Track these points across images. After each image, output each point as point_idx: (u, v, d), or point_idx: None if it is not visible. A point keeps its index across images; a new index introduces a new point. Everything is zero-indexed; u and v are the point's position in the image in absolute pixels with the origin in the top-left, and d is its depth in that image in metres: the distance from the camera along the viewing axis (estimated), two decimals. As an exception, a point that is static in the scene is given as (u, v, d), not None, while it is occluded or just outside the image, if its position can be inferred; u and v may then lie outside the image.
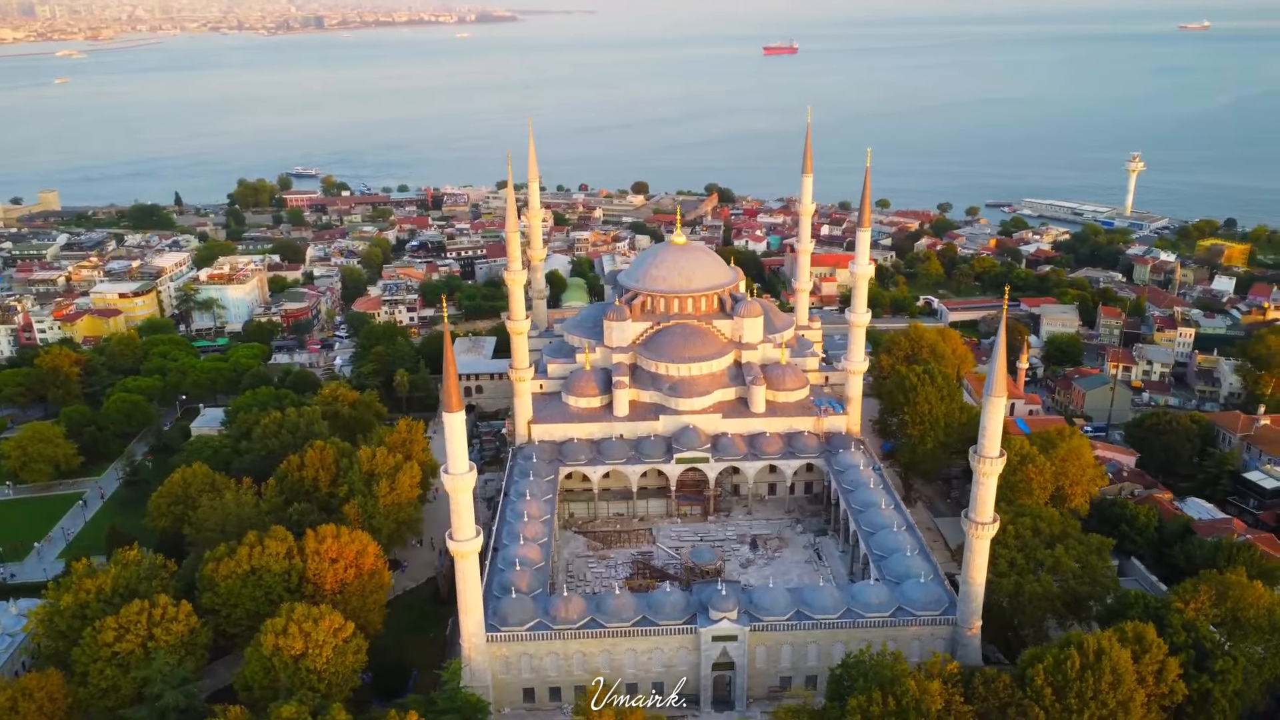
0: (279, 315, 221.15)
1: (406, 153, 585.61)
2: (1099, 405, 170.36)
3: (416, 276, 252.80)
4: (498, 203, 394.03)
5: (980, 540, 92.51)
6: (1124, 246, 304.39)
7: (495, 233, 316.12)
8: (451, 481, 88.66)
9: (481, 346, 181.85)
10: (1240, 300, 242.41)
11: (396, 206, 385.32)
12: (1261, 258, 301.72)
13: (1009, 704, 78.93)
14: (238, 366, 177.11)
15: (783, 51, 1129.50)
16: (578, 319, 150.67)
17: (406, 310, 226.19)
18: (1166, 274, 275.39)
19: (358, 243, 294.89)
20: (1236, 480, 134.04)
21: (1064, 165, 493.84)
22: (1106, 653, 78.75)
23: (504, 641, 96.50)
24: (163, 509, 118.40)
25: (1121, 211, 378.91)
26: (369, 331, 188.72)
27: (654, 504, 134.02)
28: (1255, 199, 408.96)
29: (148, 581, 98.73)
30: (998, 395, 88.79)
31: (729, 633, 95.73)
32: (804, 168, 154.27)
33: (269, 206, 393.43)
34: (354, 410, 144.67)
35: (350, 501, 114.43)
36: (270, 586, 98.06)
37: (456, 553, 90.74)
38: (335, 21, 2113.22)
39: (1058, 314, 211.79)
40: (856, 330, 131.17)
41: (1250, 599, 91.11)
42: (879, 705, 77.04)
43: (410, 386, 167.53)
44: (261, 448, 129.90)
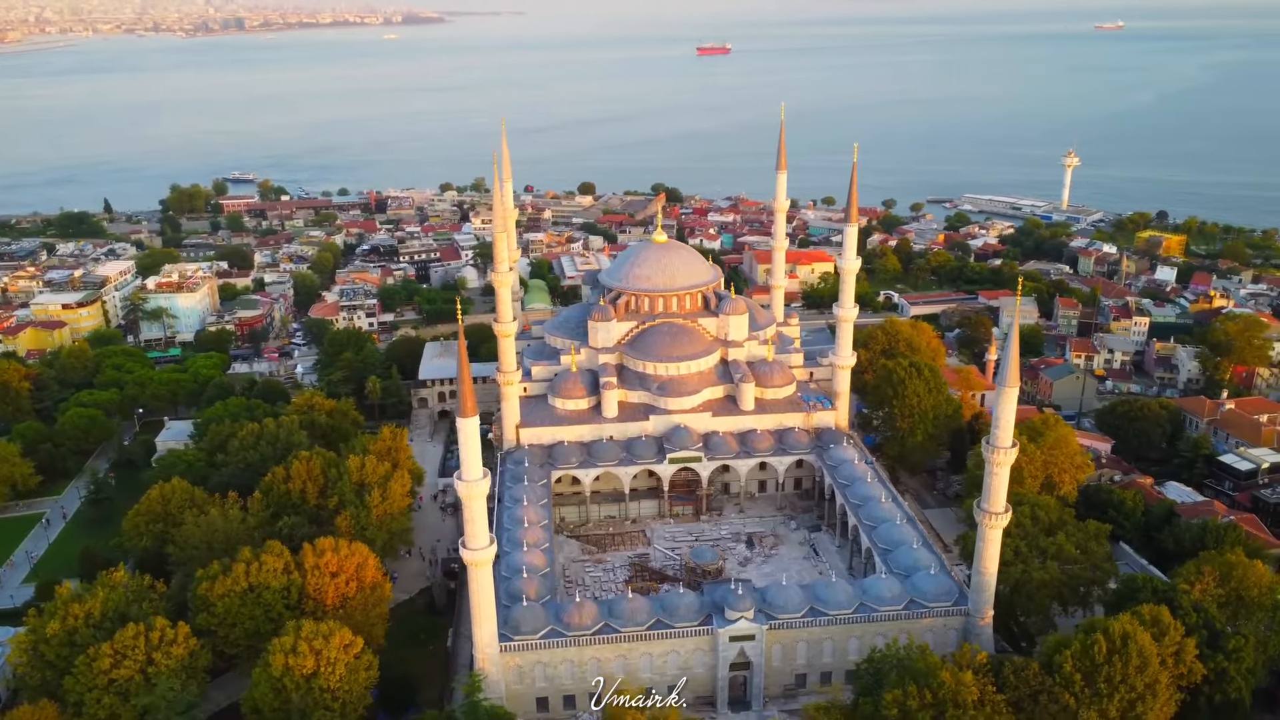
0: (232, 323, 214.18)
1: (343, 156, 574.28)
2: (1067, 394, 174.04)
3: (372, 281, 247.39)
4: (443, 205, 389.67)
5: (993, 530, 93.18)
6: (1067, 239, 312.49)
7: (446, 235, 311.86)
8: (466, 489, 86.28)
9: (453, 350, 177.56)
10: (1183, 289, 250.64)
11: (340, 210, 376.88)
12: (1195, 248, 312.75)
13: (1040, 691, 79.45)
14: (198, 377, 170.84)
15: (716, 52, 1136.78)
16: (559, 320, 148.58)
17: (365, 315, 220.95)
18: (1110, 265, 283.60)
19: (305, 248, 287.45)
20: (1211, 463, 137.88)
21: (999, 161, 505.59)
22: (1132, 636, 79.78)
23: (517, 650, 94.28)
24: (141, 528, 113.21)
25: (1058, 206, 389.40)
26: (333, 338, 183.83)
27: (646, 505, 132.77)
28: (1183, 192, 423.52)
29: (137, 604, 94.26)
30: (1011, 385, 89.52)
31: (747, 632, 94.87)
32: (778, 164, 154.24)
33: (205, 212, 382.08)
34: (331, 419, 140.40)
35: (342, 513, 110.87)
36: (270, 604, 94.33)
37: (471, 561, 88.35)
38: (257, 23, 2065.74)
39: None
40: (844, 325, 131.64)
41: (1253, 578, 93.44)
42: (915, 699, 76.88)
43: (382, 393, 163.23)
44: (240, 460, 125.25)
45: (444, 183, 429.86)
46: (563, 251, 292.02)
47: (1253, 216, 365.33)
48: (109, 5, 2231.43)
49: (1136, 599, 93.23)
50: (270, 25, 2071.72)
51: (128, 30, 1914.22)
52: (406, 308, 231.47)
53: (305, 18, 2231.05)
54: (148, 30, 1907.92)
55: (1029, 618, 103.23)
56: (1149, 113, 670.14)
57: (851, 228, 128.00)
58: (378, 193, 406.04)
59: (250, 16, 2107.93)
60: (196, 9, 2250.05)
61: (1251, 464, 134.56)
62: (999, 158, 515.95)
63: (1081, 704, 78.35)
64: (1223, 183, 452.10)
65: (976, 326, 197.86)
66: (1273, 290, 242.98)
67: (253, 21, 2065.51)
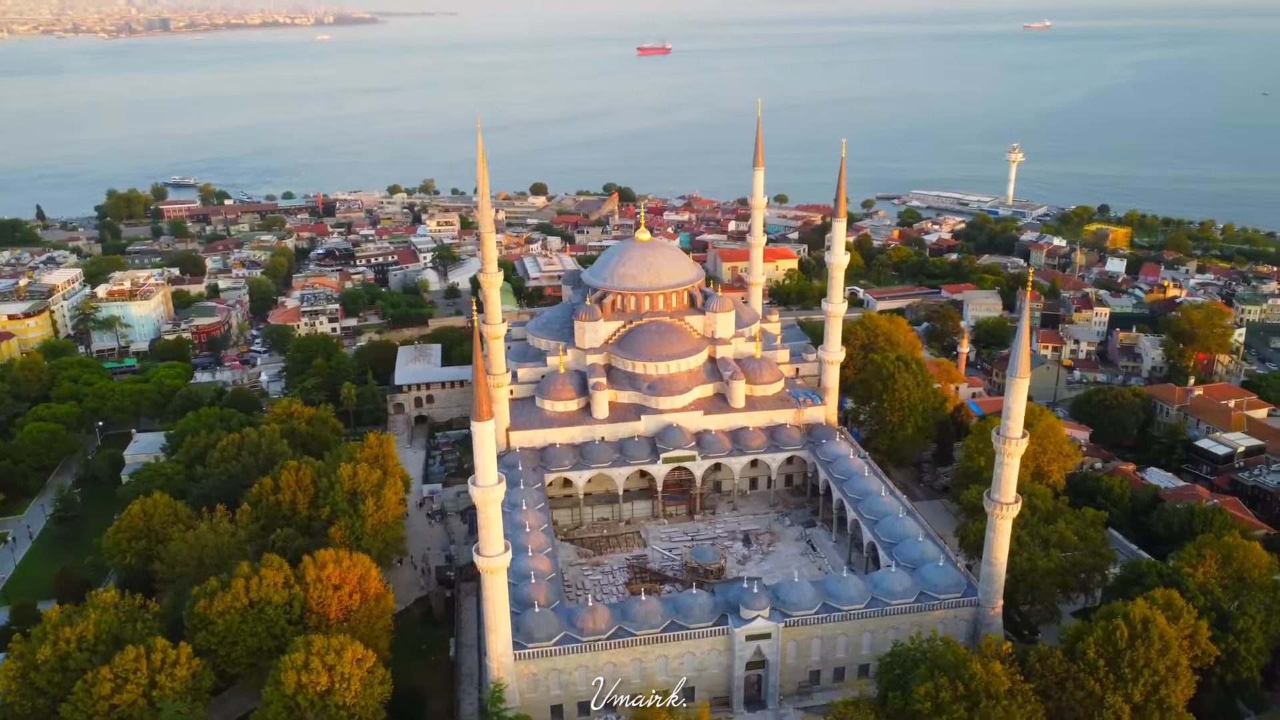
0: (189, 332, 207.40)
1: (283, 159, 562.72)
2: (1038, 385, 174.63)
3: (331, 286, 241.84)
4: (393, 207, 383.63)
5: (1003, 520, 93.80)
6: (1017, 233, 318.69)
7: (402, 238, 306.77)
8: (482, 494, 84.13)
9: (429, 355, 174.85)
10: (1134, 280, 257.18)
11: (287, 214, 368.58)
12: (1138, 240, 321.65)
13: (1066, 678, 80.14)
14: (162, 387, 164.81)
15: (656, 52, 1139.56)
16: (541, 321, 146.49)
17: (328, 320, 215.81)
18: (1061, 258, 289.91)
19: (257, 253, 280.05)
20: (1189, 449, 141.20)
21: (944, 158, 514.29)
22: (1152, 621, 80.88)
23: (532, 658, 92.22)
24: (123, 545, 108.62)
25: (1004, 200, 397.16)
26: (300, 344, 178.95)
27: (639, 506, 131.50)
28: (1121, 186, 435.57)
29: (130, 625, 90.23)
30: (1022, 376, 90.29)
31: (763, 630, 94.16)
32: (755, 161, 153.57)
33: (144, 218, 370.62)
34: (310, 427, 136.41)
35: (336, 523, 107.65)
36: (272, 620, 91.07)
37: (486, 569, 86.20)
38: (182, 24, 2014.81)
39: (981, 299, 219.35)
40: (833, 320, 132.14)
41: (1253, 560, 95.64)
42: (948, 691, 76.92)
43: (358, 399, 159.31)
44: (221, 472, 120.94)
45: (392, 185, 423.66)
46: (523, 253, 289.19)
47: (1189, 209, 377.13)
48: (24, 6, 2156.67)
49: (1143, 584, 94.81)
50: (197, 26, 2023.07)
51: (45, 31, 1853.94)
52: (369, 312, 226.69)
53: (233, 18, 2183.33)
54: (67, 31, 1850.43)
55: (1032, 606, 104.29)
56: (1081, 110, 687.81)
57: (840, 223, 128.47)
58: (325, 196, 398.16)
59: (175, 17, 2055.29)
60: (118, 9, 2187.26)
61: (1228, 448, 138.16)
62: (943, 154, 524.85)
63: (1106, 689, 79.13)
64: (1157, 176, 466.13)
65: (944, 320, 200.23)
66: (1220, 280, 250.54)
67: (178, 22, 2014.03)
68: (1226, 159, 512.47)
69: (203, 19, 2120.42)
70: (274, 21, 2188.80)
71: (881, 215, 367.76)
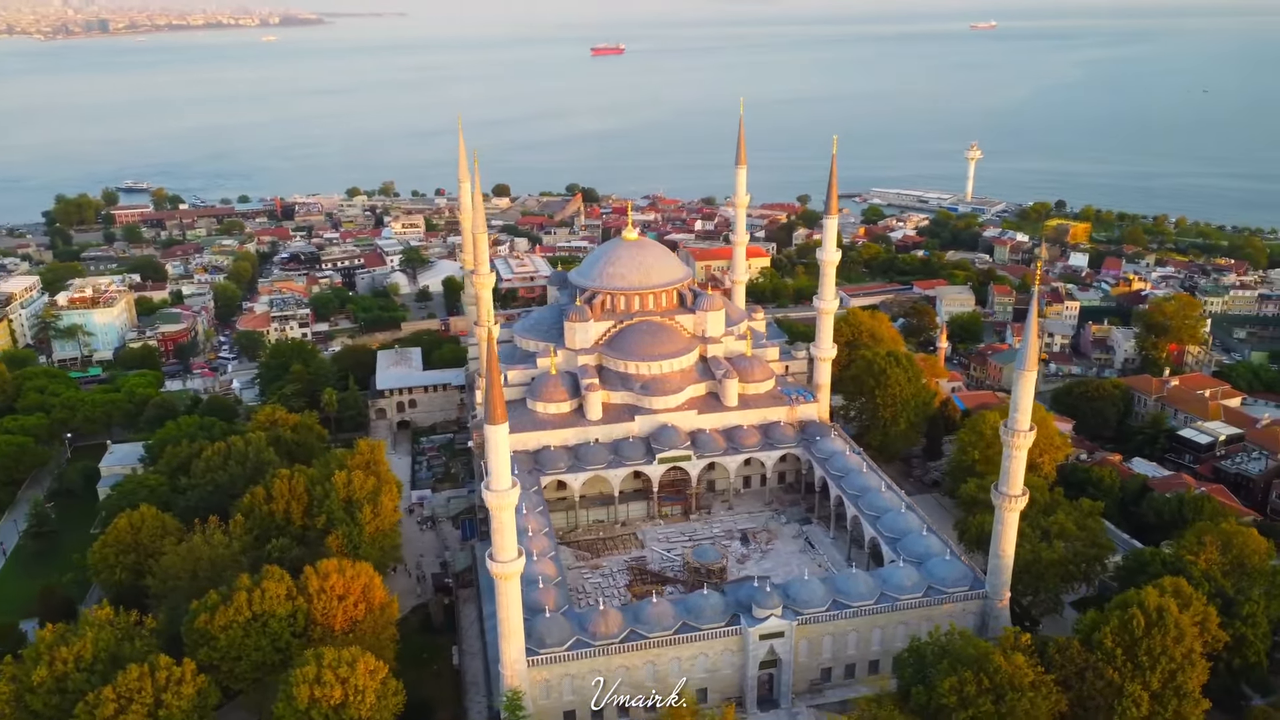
0: (155, 339, 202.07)
1: (235, 162, 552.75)
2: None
3: (298, 290, 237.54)
4: (354, 210, 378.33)
5: (1011, 513, 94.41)
6: (980, 229, 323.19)
7: (368, 241, 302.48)
8: (496, 499, 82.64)
9: (409, 359, 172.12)
10: (1096, 274, 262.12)
11: (245, 218, 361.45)
12: (1096, 235, 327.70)
13: (1085, 668, 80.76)
14: (134, 397, 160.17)
15: (610, 52, 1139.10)
16: (529, 322, 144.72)
17: (299, 326, 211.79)
18: (1024, 253, 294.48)
19: (219, 257, 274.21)
20: (1172, 438, 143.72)
21: (902, 156, 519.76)
22: (1167, 609, 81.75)
23: (545, 664, 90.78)
24: (110, 560, 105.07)
25: (963, 197, 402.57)
26: (276, 350, 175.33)
27: (634, 508, 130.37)
28: (1074, 182, 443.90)
29: (129, 643, 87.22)
30: (1030, 369, 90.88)
31: (776, 629, 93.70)
32: (737, 159, 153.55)
33: (95, 223, 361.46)
34: (295, 434, 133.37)
35: (333, 532, 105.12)
36: (277, 633, 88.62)
37: (500, 574, 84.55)
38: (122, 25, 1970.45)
39: (954, 294, 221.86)
40: (825, 317, 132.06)
41: (1252, 546, 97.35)
42: (973, 684, 77.06)
43: (339, 405, 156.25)
44: (207, 482, 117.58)
45: (351, 187, 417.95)
46: (491, 255, 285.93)
47: (1141, 204, 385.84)
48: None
49: (1147, 572, 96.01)
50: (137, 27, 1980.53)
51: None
52: (340, 316, 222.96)
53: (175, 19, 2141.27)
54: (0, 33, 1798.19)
55: (1035, 597, 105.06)
56: (1031, 108, 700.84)
57: (831, 219, 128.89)
58: (283, 199, 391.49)
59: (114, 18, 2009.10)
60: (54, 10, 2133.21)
61: (1210, 437, 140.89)
62: (900, 153, 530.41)
63: (1125, 678, 79.83)
64: (1108, 172, 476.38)
65: (920, 316, 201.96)
66: (1180, 272, 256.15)
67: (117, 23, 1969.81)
68: (1173, 155, 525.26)
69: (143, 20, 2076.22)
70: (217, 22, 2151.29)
71: (845, 213, 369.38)
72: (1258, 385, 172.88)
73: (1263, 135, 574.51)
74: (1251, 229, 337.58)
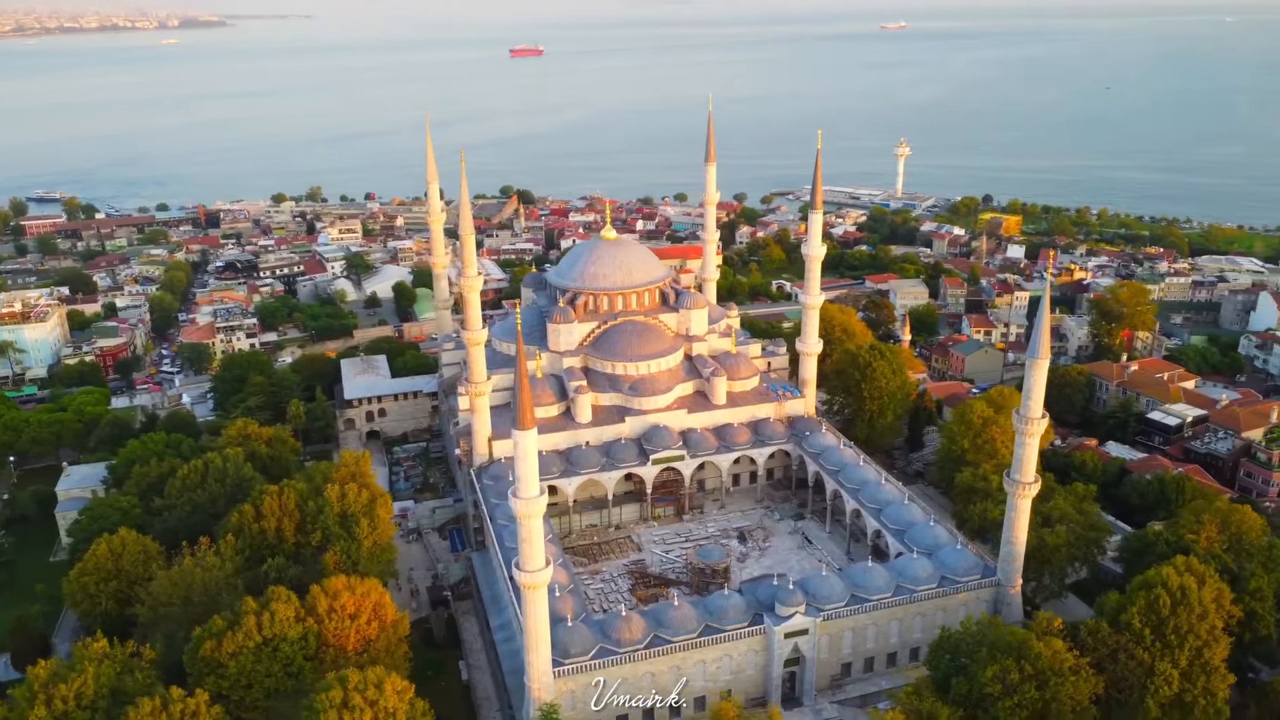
0: (93, 355, 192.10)
1: (146, 169, 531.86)
2: (978, 368, 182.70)
3: (239, 299, 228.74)
4: (281, 216, 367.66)
5: (1024, 500, 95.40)
6: (916, 224, 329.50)
7: (305, 247, 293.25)
8: (525, 506, 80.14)
9: (376, 367, 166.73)
10: (1033, 265, 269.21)
11: (168, 227, 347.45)
12: (1025, 227, 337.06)
13: (1117, 650, 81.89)
14: (82, 415, 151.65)
15: (529, 54, 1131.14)
16: (508, 325, 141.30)
17: (245, 336, 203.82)
18: (962, 247, 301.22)
19: (149, 268, 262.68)
20: (1142, 421, 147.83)
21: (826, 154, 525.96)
22: (1189, 588, 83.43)
23: (572, 675, 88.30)
24: (90, 589, 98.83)
25: (894, 193, 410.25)
26: (231, 362, 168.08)
27: (627, 510, 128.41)
28: (997, 176, 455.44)
29: (129, 676, 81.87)
30: (1043, 357, 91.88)
31: (801, 627, 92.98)
32: (707, 156, 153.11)
33: (3, 235, 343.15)
34: (271, 449, 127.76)
35: (330, 548, 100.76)
36: (289, 657, 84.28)
37: (527, 585, 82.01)
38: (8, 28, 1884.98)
39: (908, 288, 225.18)
40: (810, 312, 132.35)
41: (1249, 522, 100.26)
42: (1016, 672, 77.41)
43: (306, 416, 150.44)
44: (185, 502, 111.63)
45: (276, 193, 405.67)
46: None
47: (1063, 196, 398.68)
48: None
49: (1154, 552, 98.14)
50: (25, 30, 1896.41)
51: None
52: (288, 325, 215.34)
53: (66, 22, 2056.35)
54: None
55: (1039, 582, 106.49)
56: (942, 105, 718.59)
57: (816, 214, 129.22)
58: (206, 206, 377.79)
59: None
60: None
61: (1178, 419, 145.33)
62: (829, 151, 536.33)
63: (1155, 657, 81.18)
64: (1027, 167, 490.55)
65: (879, 309, 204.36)
66: (1113, 262, 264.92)
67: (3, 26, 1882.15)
68: (1086, 150, 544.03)
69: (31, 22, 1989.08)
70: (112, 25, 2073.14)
71: (784, 210, 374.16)
72: (1205, 368, 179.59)
73: (1164, 131, 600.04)
74: (1169, 219, 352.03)
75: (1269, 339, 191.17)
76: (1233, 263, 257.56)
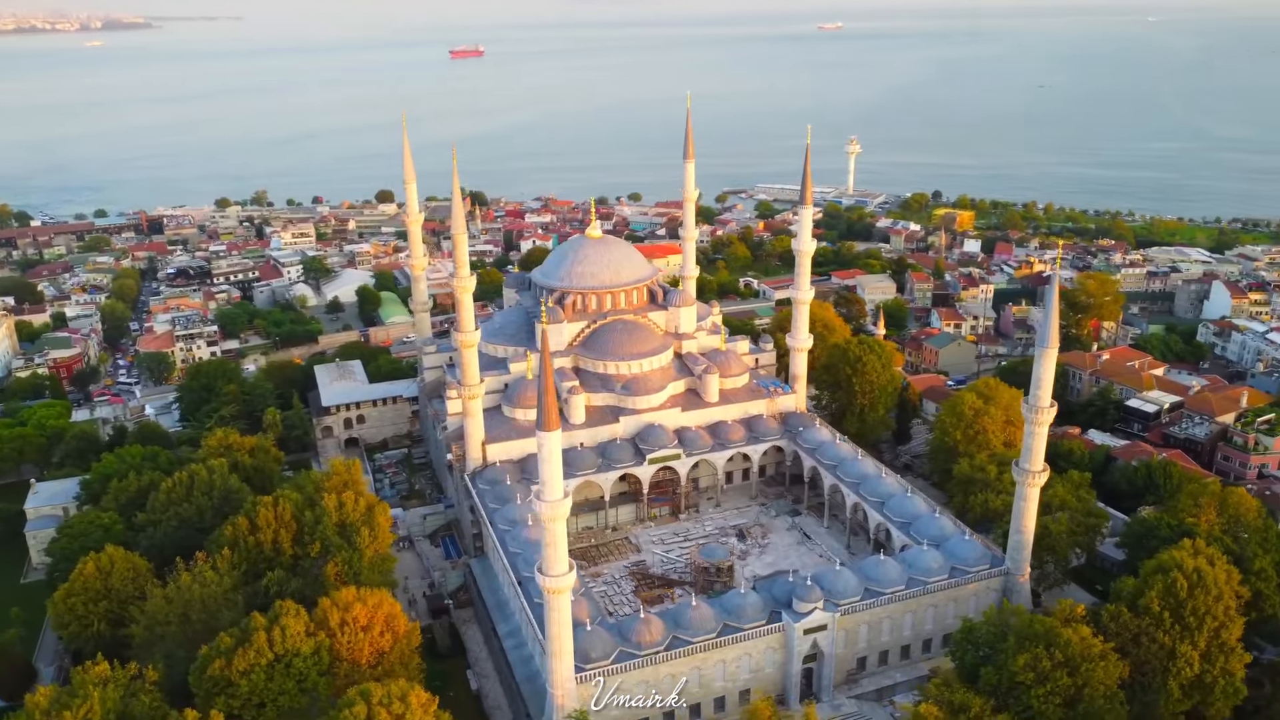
0: (45, 366, 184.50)
1: (79, 175, 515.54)
2: (952, 360, 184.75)
3: (195, 306, 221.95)
4: (228, 221, 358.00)
5: (1033, 489, 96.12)
6: (872, 220, 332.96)
7: (258, 252, 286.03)
8: (550, 510, 78.18)
9: (352, 372, 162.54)
10: (990, 259, 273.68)
11: (109, 234, 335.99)
12: (977, 222, 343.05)
13: (1140, 634, 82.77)
14: (45, 430, 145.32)
15: (469, 55, 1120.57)
16: (493, 327, 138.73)
17: (207, 344, 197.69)
18: (918, 242, 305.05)
19: (96, 276, 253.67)
20: (1121, 409, 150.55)
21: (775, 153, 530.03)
22: (1204, 570, 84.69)
23: (593, 680, 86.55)
24: (79, 610, 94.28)
25: (845, 190, 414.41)
26: (198, 371, 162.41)
27: (623, 511, 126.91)
28: (945, 172, 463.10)
29: (135, 699, 78.17)
30: (1052, 346, 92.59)
31: (820, 623, 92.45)
32: (685, 154, 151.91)
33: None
34: (254, 459, 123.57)
35: (331, 559, 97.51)
36: (303, 673, 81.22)
37: (552, 590, 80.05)
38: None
39: (876, 283, 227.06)
40: (800, 307, 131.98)
41: (1246, 504, 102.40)
42: (1047, 659, 77.74)
43: (283, 424, 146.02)
44: (171, 517, 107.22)
45: (220, 198, 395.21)
46: (393, 263, 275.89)
47: (1008, 191, 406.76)
48: None
49: (1157, 536, 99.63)
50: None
51: None
52: (249, 332, 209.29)
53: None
54: None
55: (1042, 570, 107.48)
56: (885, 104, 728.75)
57: (806, 209, 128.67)
58: (147, 212, 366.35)
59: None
60: None
61: (1155, 406, 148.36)
62: (774, 150, 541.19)
63: (1175, 639, 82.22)
64: (973, 164, 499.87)
65: (850, 304, 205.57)
66: (1067, 255, 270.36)
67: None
68: (1025, 145, 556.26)
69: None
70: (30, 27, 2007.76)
71: (740, 209, 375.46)
72: (1170, 355, 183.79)
73: (1099, 127, 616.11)
74: (1113, 212, 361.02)
75: (1227, 326, 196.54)
76: (1181, 253, 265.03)
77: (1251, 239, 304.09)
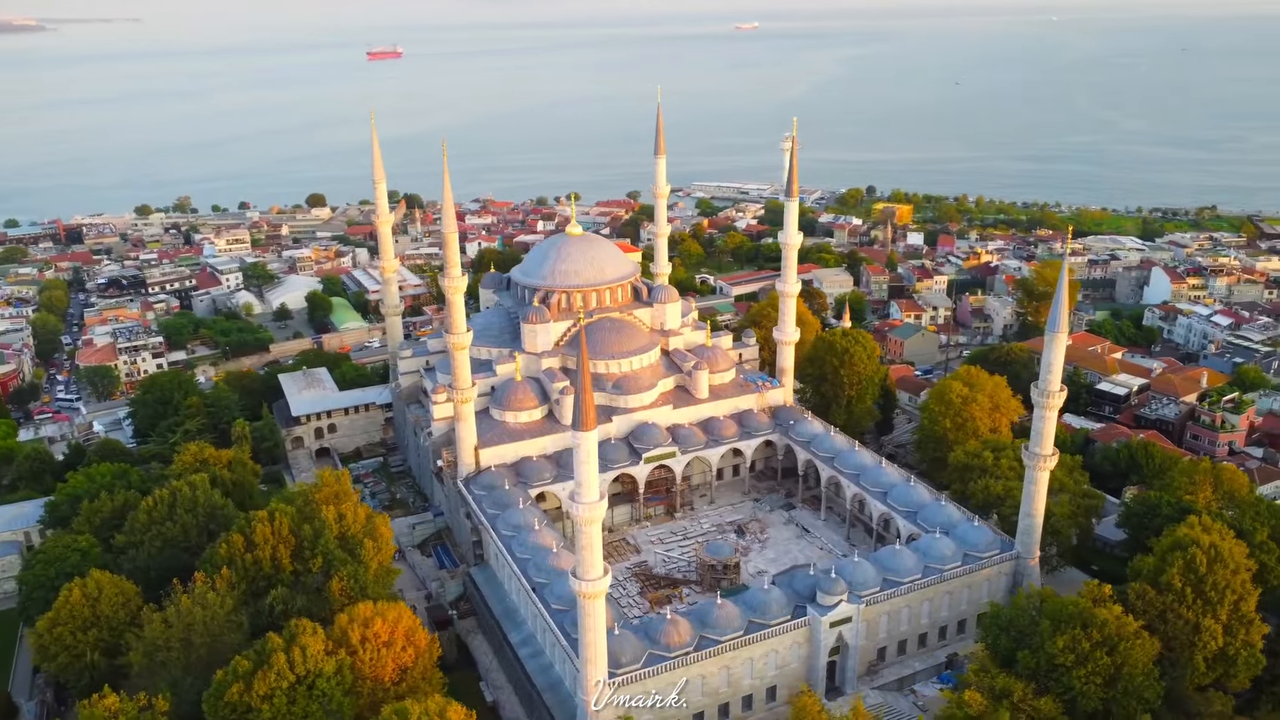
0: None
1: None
2: (916, 351, 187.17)
3: (133, 317, 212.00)
4: (151, 229, 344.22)
5: (1043, 472, 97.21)
6: (813, 215, 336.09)
7: (193, 259, 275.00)
8: (587, 512, 75.86)
9: (320, 380, 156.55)
10: (933, 251, 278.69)
11: (24, 244, 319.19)
12: (914, 215, 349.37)
13: (1165, 610, 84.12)
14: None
15: (387, 56, 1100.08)
16: (475, 328, 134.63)
17: (152, 356, 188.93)
18: (861, 236, 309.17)
19: (20, 288, 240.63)
20: (1092, 392, 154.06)
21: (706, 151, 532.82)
22: (1220, 546, 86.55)
23: (625, 685, 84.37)
24: (67, 640, 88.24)
25: (781, 187, 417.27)
26: (152, 384, 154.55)
27: (618, 512, 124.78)
28: (874, 168, 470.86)
29: (150, 731, 73.48)
30: (1061, 331, 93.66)
31: (845, 615, 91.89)
32: (656, 149, 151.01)
33: None
34: (233, 473, 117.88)
35: (336, 574, 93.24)
36: (327, 694, 77.25)
37: (586, 594, 77.81)
38: None
39: (833, 276, 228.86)
40: (787, 300, 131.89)
41: (1240, 482, 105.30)
42: (1085, 640, 78.38)
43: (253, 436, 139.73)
44: (155, 537, 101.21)
45: (141, 205, 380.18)
46: (336, 267, 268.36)
47: (938, 185, 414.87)
48: None
49: (1160, 514, 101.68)
50: None
51: None
52: (196, 343, 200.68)
53: None
54: None
55: (1045, 552, 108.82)
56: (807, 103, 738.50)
57: (792, 203, 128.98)
58: (64, 221, 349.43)
59: None
60: None
61: (1125, 389, 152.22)
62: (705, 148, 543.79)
63: (1198, 614, 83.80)
64: (900, 159, 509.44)
65: (812, 299, 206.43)
66: (1009, 245, 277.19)
67: None
68: (945, 141, 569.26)
69: None
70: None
71: (681, 207, 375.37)
72: (1124, 340, 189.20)
73: (1015, 122, 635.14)
74: (1040, 204, 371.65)
75: (1171, 310, 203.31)
76: (1116, 241, 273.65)
77: (1173, 226, 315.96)
